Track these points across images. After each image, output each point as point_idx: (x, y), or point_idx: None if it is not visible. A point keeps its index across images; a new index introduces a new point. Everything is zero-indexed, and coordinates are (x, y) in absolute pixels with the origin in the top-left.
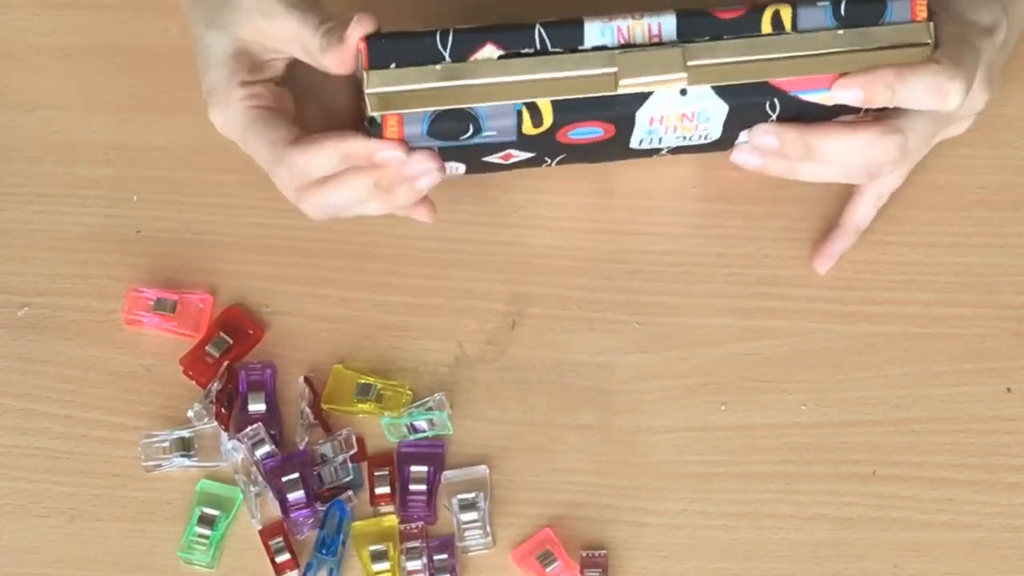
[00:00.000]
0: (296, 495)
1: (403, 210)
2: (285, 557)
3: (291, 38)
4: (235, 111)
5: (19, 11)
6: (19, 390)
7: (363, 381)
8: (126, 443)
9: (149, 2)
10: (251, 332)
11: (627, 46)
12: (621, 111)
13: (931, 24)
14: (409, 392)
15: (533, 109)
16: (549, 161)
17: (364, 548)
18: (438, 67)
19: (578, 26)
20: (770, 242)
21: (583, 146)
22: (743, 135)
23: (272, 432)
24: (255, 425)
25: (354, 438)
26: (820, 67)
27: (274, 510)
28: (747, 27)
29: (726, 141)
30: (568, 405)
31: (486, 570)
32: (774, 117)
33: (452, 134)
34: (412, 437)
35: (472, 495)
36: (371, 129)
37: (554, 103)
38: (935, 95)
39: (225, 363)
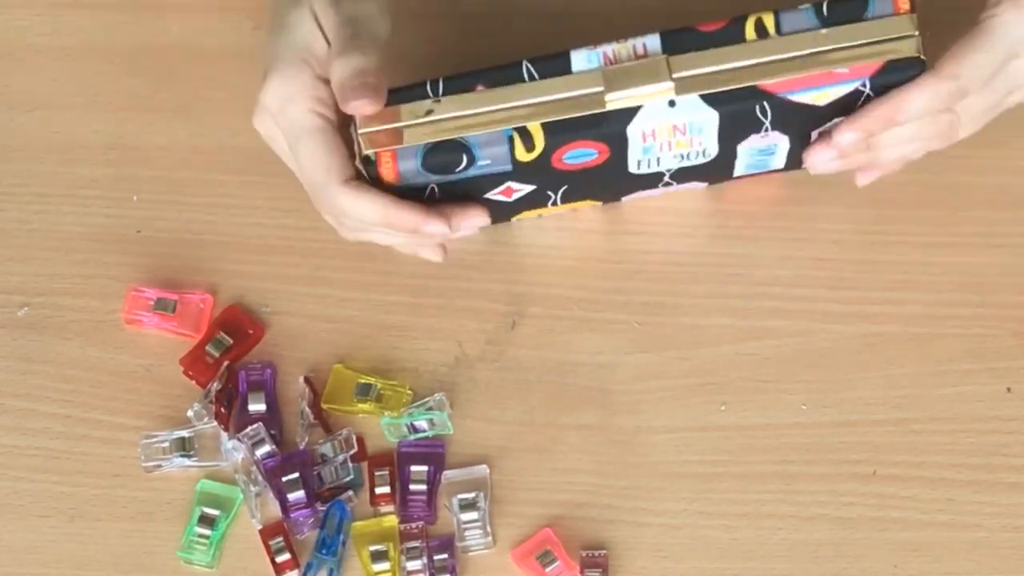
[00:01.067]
0: (296, 495)
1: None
2: (285, 557)
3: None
4: (302, 110)
5: (19, 11)
6: (19, 390)
7: (363, 381)
8: (126, 443)
9: (149, 2)
10: (251, 332)
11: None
12: (611, 128)
13: (915, 15)
14: (409, 392)
15: (524, 133)
16: (553, 196)
17: (364, 548)
18: (427, 103)
19: (564, 56)
20: (770, 242)
21: (582, 173)
22: (813, 156)
23: (272, 432)
24: (255, 425)
25: (354, 438)
26: (806, 66)
27: (274, 510)
28: (731, 37)
29: (727, 159)
30: (568, 405)
31: (486, 570)
32: (766, 123)
33: (447, 167)
34: (412, 437)
35: (472, 495)
36: (367, 168)
37: (544, 125)
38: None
39: (225, 363)
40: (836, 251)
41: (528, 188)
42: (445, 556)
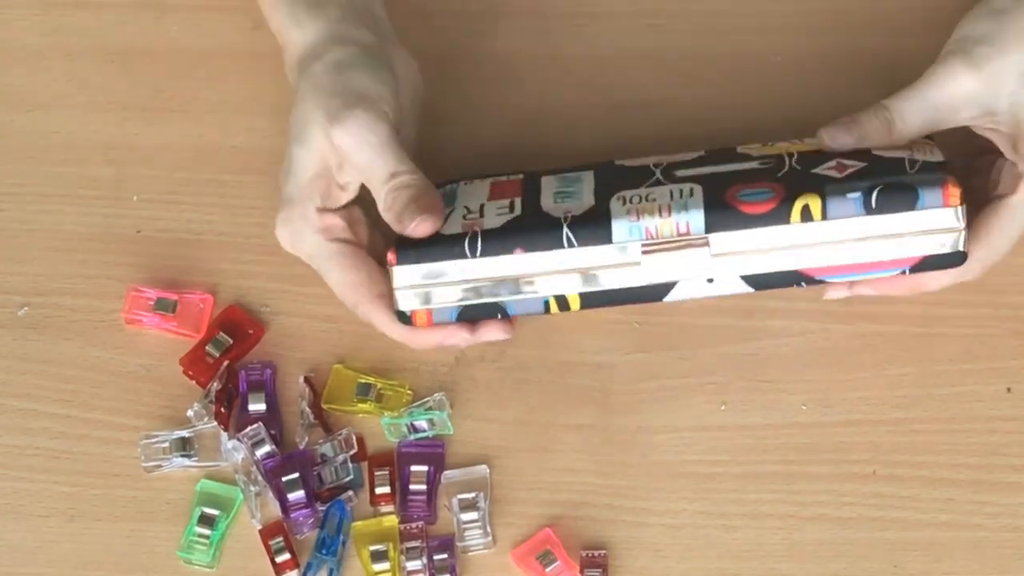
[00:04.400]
0: (296, 495)
1: None
2: (285, 557)
3: (362, 169)
4: (312, 241)
5: (19, 11)
6: (19, 390)
7: (363, 381)
8: (126, 443)
9: (149, 2)
10: (251, 332)
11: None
12: (647, 299)
13: (962, 208)
14: (409, 392)
15: (561, 300)
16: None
17: (364, 548)
18: (463, 262)
19: (606, 224)
20: None
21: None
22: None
23: (272, 432)
24: (255, 425)
25: (354, 438)
26: (849, 255)
27: (274, 510)
28: (776, 220)
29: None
30: (568, 405)
31: (486, 570)
32: (801, 287)
33: (481, 318)
34: (412, 437)
35: (472, 495)
36: (400, 318)
37: (581, 295)
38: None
39: (225, 363)
40: None
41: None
42: (445, 556)
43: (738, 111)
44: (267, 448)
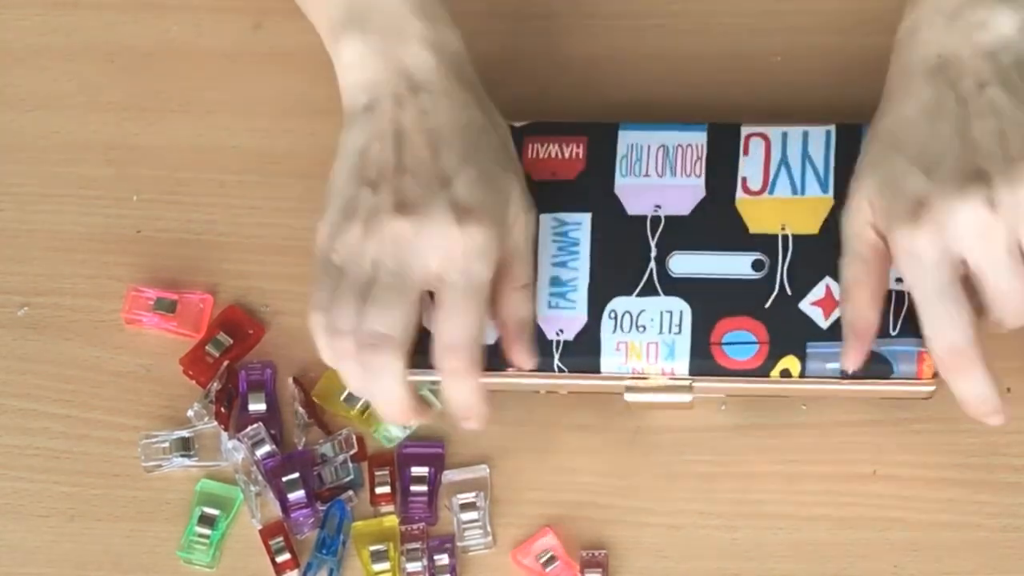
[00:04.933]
0: (296, 495)
1: None
2: (285, 557)
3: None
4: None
5: (19, 11)
6: (19, 390)
7: None
8: (126, 443)
9: (149, 2)
10: (251, 332)
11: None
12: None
13: (935, 377)
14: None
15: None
16: None
17: (364, 548)
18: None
19: (595, 358)
20: None
21: None
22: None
23: (272, 432)
24: (255, 425)
25: (354, 438)
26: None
27: (274, 510)
28: (757, 375)
29: None
30: (568, 405)
31: (486, 570)
32: None
33: None
34: (408, 431)
35: (472, 495)
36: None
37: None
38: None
39: (225, 363)
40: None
41: None
42: (445, 556)
43: (738, 111)
44: (267, 448)
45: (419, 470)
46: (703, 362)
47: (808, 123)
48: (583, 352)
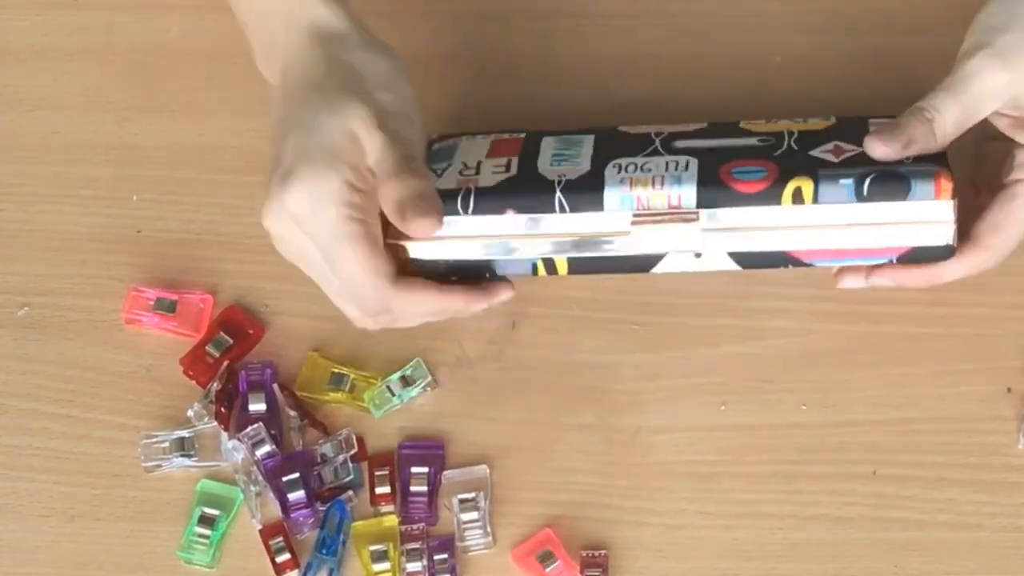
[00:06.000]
0: (296, 495)
1: None
2: (285, 557)
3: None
4: (330, 213)
5: (19, 11)
6: (19, 390)
7: (337, 371)
8: (126, 443)
9: (149, 2)
10: (251, 332)
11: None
12: (634, 269)
13: (954, 201)
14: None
15: (549, 263)
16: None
17: (364, 548)
18: (458, 218)
19: (598, 192)
20: None
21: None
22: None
23: (272, 432)
24: (255, 425)
25: (354, 438)
26: (838, 240)
27: (274, 510)
28: (767, 200)
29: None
30: (568, 405)
31: (486, 570)
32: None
33: (467, 278)
34: (397, 401)
35: (472, 495)
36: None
37: (570, 259)
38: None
39: (225, 363)
40: None
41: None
42: (445, 556)
43: (738, 111)
44: (267, 448)
45: (419, 470)
46: (711, 189)
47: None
48: (586, 187)
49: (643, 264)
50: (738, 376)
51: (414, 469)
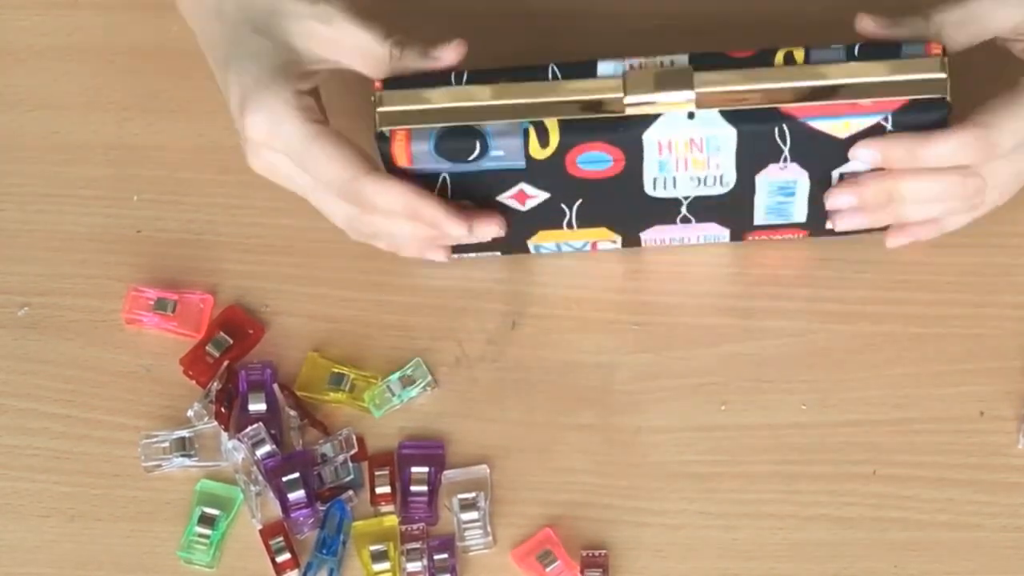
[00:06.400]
0: (296, 495)
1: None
2: (285, 557)
3: (351, 46)
4: (294, 125)
5: (19, 11)
6: (19, 390)
7: (336, 371)
8: (126, 443)
9: (149, 2)
10: (251, 332)
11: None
12: (628, 133)
13: (945, 59)
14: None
15: (540, 129)
16: (568, 212)
17: (364, 548)
18: (448, 88)
19: (591, 64)
20: (770, 241)
21: (597, 186)
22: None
23: (272, 432)
24: (255, 425)
25: (354, 438)
26: (830, 94)
27: (274, 510)
28: (759, 63)
29: (745, 194)
30: (568, 405)
31: (486, 570)
32: (785, 151)
33: (459, 154)
34: (397, 401)
35: (472, 495)
36: (380, 144)
37: (561, 123)
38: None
39: (225, 363)
40: (836, 250)
41: (542, 196)
42: (445, 556)
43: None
44: (267, 448)
45: (419, 470)
46: (703, 57)
47: None
48: (579, 63)
49: (636, 127)
50: (738, 376)
51: (414, 469)
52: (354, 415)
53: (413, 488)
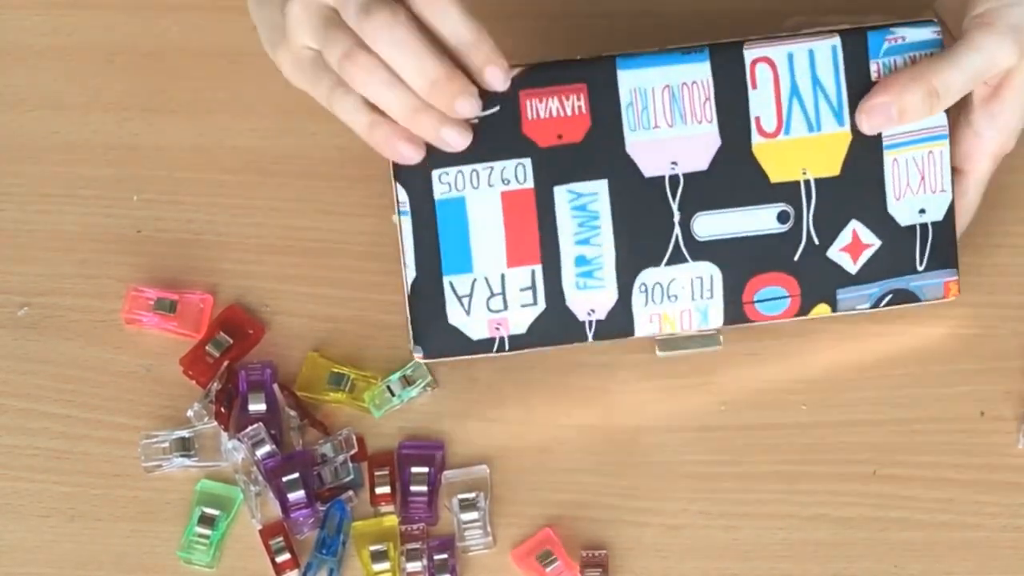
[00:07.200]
0: (296, 495)
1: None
2: (285, 557)
3: None
4: None
5: (19, 11)
6: (19, 390)
7: (336, 371)
8: (126, 443)
9: (149, 2)
10: (251, 332)
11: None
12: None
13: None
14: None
15: None
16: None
17: (364, 548)
18: (491, 355)
19: (628, 329)
20: None
21: None
22: None
23: (272, 432)
24: (255, 425)
25: (354, 438)
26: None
27: (274, 510)
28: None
29: None
30: (568, 405)
31: (486, 570)
32: None
33: None
34: (397, 401)
35: (472, 495)
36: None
37: None
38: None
39: (225, 363)
40: None
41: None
42: (445, 556)
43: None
44: (267, 448)
45: (419, 470)
46: (735, 324)
47: (810, 38)
48: (616, 330)
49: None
50: (738, 376)
51: (414, 469)
52: (354, 415)
53: (413, 488)
